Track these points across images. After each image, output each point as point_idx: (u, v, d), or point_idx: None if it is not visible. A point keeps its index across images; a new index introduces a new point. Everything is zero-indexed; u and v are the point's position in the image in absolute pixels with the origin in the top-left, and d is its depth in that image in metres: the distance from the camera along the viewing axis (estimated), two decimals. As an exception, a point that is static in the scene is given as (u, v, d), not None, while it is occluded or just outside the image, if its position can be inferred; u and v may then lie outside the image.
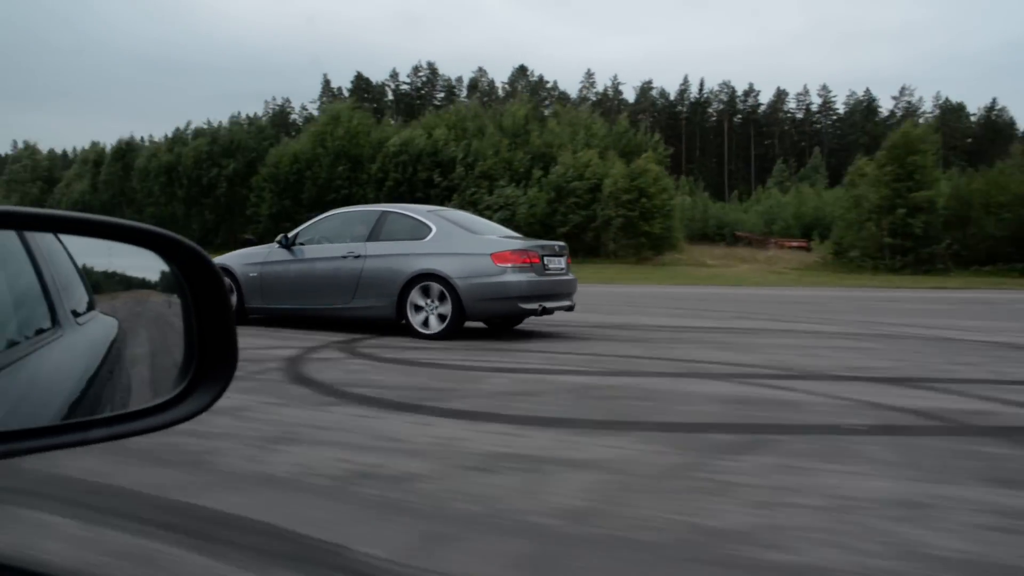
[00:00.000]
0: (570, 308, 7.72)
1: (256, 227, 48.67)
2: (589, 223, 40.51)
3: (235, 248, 9.06)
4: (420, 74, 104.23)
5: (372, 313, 7.27)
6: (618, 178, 39.95)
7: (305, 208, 45.85)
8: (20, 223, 0.83)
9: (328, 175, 47.59)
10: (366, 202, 46.60)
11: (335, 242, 7.68)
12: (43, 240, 0.90)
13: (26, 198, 65.89)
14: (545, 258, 7.24)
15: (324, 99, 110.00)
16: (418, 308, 7.04)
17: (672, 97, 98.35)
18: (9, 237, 0.84)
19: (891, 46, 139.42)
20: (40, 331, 0.86)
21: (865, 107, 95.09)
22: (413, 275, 6.98)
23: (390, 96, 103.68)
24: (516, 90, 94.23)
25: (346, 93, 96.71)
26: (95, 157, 63.59)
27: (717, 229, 52.29)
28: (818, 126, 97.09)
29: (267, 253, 8.00)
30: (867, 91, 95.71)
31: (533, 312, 7.07)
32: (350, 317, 7.49)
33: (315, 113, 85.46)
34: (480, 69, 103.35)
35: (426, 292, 7.00)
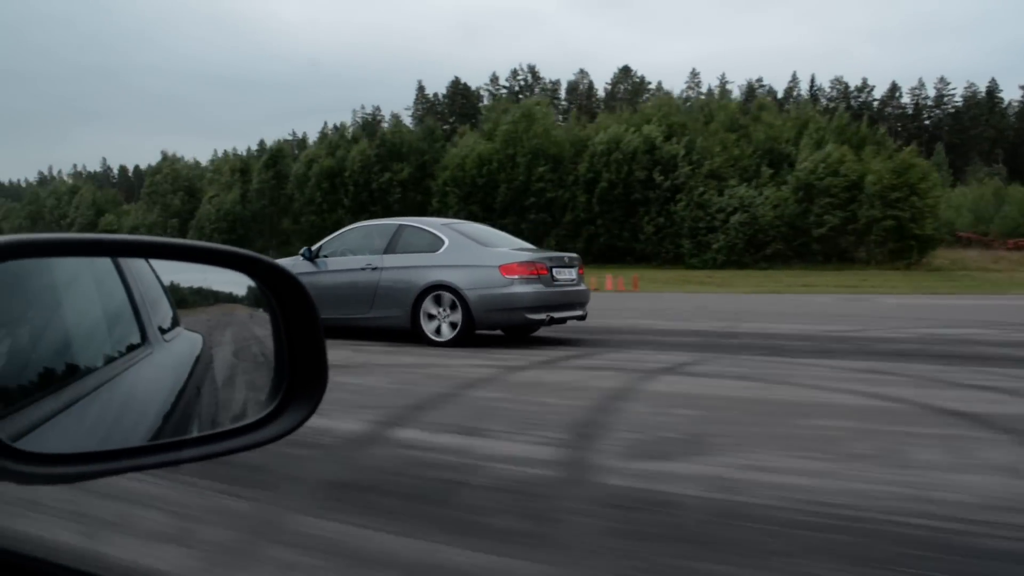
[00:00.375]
0: (582, 318, 7.84)
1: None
2: (847, 225, 37.11)
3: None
4: (519, 77, 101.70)
5: (389, 323, 7.47)
6: (883, 174, 36.53)
7: (497, 214, 43.06)
8: (112, 251, 0.85)
9: (525, 177, 44.57)
10: (575, 205, 43.63)
11: (356, 254, 7.90)
12: (135, 265, 0.93)
13: (168, 210, 63.76)
14: (553, 269, 7.41)
15: (418, 106, 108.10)
16: (431, 316, 7.26)
17: (780, 96, 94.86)
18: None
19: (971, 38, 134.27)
20: (131, 348, 0.89)
21: (987, 99, 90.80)
22: (426, 286, 7.21)
23: (486, 101, 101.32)
24: (618, 92, 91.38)
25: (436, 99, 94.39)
26: (240, 166, 61.40)
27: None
28: (931, 119, 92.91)
29: (292, 265, 7.92)
30: (992, 80, 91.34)
31: (540, 322, 7.23)
32: (368, 327, 7.64)
33: (407, 121, 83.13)
34: (581, 71, 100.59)
35: (438, 301, 7.22)
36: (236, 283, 0.90)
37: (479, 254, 7.28)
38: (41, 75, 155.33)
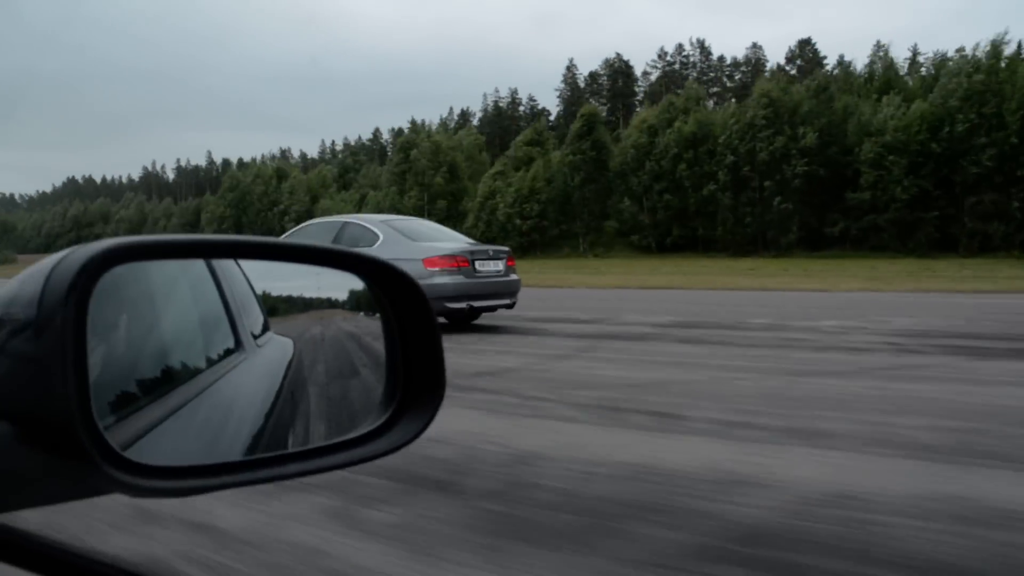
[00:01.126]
0: (509, 306, 8.62)
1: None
2: None
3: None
4: (683, 54, 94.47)
5: None
6: None
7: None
8: (222, 252, 0.84)
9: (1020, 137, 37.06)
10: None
11: None
12: (224, 263, 0.92)
13: (429, 190, 55.04)
14: (476, 262, 8.05)
15: (563, 87, 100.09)
16: None
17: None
18: (195, 260, 0.87)
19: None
20: (226, 354, 0.89)
21: None
22: None
23: (652, 78, 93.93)
24: (800, 67, 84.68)
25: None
26: (532, 137, 53.09)
27: None
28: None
29: None
30: None
31: (460, 312, 7.95)
32: None
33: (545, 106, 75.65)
34: (755, 45, 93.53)
35: None
36: (337, 287, 0.87)
37: (407, 248, 8.01)
38: (133, 76, 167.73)
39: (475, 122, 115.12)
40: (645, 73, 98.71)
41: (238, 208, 69.20)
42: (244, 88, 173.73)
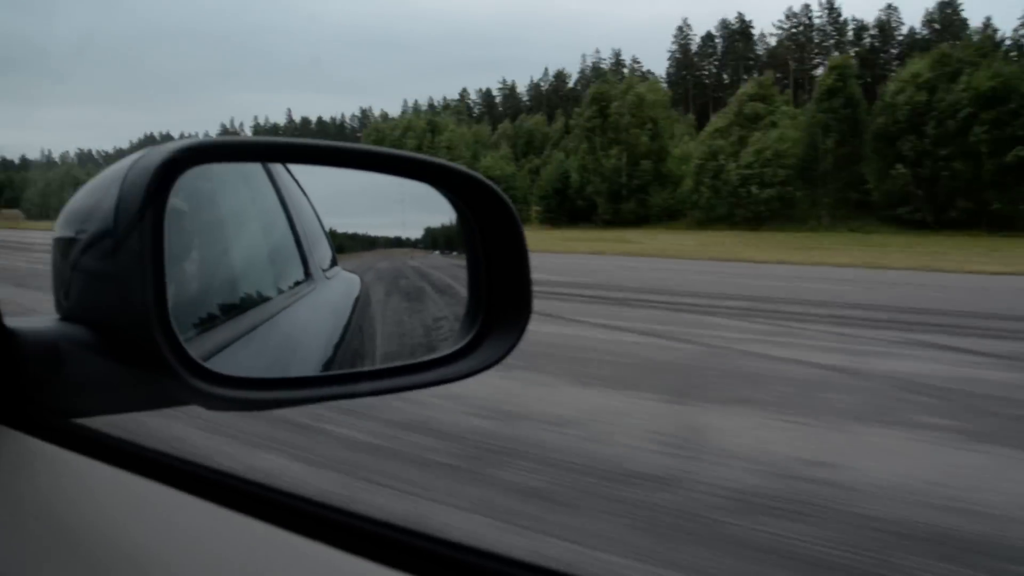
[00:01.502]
0: None
1: None
2: None
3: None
4: (808, 13, 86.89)
5: None
6: None
7: None
8: (299, 156, 0.76)
9: None
10: None
11: None
12: (295, 198, 0.92)
13: (632, 149, 47.59)
14: None
15: (675, 48, 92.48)
16: None
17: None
18: (266, 193, 0.85)
19: None
20: (297, 284, 0.91)
21: None
22: None
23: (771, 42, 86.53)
24: (938, 31, 77.68)
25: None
26: (761, 90, 45.69)
27: None
28: None
29: None
30: None
31: None
32: None
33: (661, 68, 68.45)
34: (889, 6, 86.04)
35: None
36: (412, 225, 0.84)
37: None
38: (209, 39, 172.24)
39: (571, 84, 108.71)
40: (761, 35, 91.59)
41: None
42: (318, 51, 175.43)
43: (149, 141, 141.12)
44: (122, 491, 0.60)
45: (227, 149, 0.66)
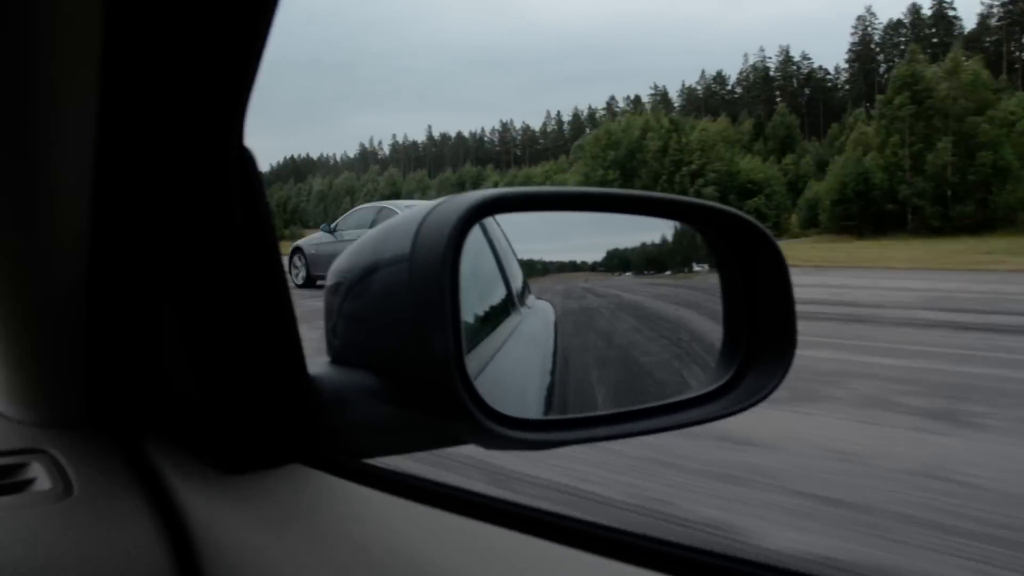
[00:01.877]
0: None
1: None
2: None
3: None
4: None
5: None
6: None
7: None
8: (596, 205, 0.79)
9: None
10: None
11: (356, 229, 12.08)
12: (490, 225, 0.88)
13: (967, 140, 40.55)
14: None
15: (855, 42, 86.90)
16: None
17: None
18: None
19: None
20: (507, 316, 0.90)
21: None
22: None
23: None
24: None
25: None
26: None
27: None
28: None
29: (320, 236, 13.65)
30: None
31: None
32: None
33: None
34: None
35: None
36: (590, 248, 0.84)
37: None
38: (335, 67, 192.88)
39: (729, 86, 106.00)
40: (955, 18, 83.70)
41: (624, 170, 53.36)
42: (443, 71, 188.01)
43: (289, 164, 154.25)
44: (413, 520, 0.59)
45: (524, 199, 0.68)
